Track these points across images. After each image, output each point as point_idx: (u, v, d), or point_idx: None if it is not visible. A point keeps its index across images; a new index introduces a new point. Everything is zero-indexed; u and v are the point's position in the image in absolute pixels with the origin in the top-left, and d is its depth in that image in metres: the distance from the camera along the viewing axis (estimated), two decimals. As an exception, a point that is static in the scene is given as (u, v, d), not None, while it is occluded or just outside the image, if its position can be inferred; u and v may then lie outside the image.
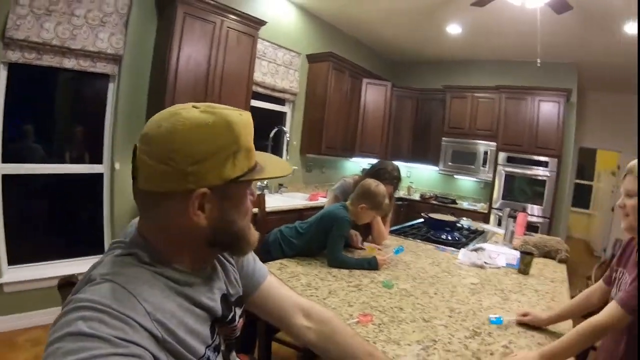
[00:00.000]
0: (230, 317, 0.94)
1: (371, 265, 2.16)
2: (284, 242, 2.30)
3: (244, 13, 3.69)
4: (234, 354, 1.04)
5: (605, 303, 1.31)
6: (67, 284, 1.06)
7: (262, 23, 3.90)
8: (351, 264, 2.16)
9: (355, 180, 2.67)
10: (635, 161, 1.36)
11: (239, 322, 0.99)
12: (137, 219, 0.87)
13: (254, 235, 0.91)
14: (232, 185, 0.81)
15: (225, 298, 0.94)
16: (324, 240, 2.22)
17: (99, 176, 3.32)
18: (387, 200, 2.35)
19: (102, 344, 0.61)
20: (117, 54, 3.16)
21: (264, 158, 0.89)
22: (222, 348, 0.93)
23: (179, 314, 0.79)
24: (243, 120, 0.82)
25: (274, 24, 4.45)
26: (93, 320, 0.64)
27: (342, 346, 1.08)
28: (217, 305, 0.89)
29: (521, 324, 1.57)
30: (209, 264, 0.94)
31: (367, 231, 2.77)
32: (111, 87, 3.29)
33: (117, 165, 3.28)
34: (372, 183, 2.35)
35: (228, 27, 3.58)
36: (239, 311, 1.00)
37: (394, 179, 2.72)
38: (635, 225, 1.32)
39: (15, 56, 2.69)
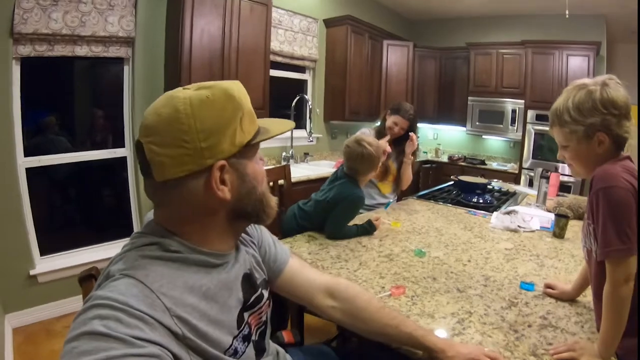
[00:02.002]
0: (255, 296, 0.95)
1: (369, 229, 2.16)
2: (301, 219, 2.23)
3: (254, -19, 3.56)
4: (268, 340, 1.04)
5: None
6: (87, 277, 1.09)
7: (274, -10, 3.76)
8: (353, 233, 2.12)
9: (377, 129, 2.96)
10: (551, 111, 1.24)
11: (265, 304, 0.99)
12: (151, 212, 0.87)
13: (274, 199, 0.93)
14: (245, 151, 0.82)
15: (248, 277, 0.95)
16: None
17: (123, 160, 3.35)
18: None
19: (117, 344, 0.61)
20: (129, 36, 3.12)
21: (263, 121, 0.92)
22: (254, 338, 0.93)
23: (201, 306, 0.78)
24: (238, 87, 0.83)
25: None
26: (109, 319, 0.63)
27: (368, 322, 1.11)
28: (239, 288, 0.91)
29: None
30: (235, 242, 0.94)
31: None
32: (126, 70, 3.27)
33: (139, 147, 3.29)
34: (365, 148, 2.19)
35: (239, -3, 3.45)
36: (265, 293, 1.01)
37: (410, 115, 2.89)
38: (579, 171, 1.25)
39: (26, 50, 2.67)
